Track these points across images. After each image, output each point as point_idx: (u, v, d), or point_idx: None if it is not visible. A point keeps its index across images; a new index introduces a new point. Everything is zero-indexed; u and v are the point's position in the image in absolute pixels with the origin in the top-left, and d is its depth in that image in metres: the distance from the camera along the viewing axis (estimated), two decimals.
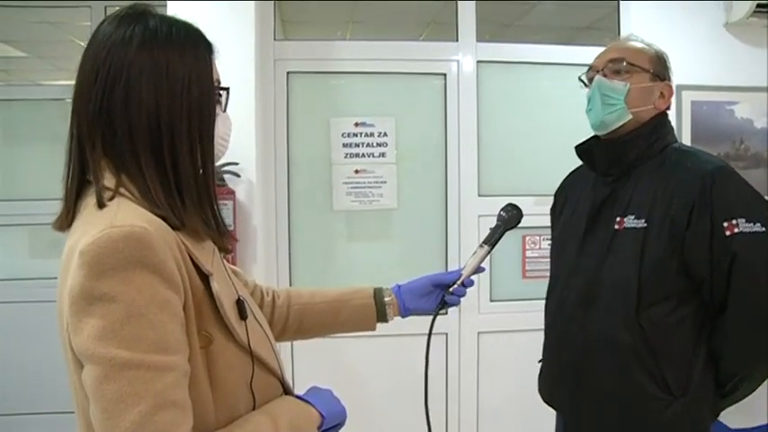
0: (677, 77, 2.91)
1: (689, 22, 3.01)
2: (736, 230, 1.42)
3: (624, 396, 1.53)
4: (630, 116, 1.59)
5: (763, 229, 1.43)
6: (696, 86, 3.00)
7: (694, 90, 3.00)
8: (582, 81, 1.69)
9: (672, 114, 2.89)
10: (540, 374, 1.81)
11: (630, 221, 1.54)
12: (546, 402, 1.77)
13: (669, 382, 1.49)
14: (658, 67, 1.64)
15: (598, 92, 1.62)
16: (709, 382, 1.53)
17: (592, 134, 1.71)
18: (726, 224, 1.43)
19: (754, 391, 1.56)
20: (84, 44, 0.97)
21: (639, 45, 1.67)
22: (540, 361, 1.82)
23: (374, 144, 3.01)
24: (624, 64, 1.61)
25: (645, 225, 1.52)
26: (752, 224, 1.43)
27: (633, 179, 1.59)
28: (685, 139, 2.98)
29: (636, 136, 1.60)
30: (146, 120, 0.91)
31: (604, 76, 1.63)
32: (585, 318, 1.59)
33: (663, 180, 1.53)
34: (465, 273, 1.40)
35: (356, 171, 3.01)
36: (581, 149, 1.74)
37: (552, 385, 1.74)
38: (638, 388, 1.51)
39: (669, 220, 1.48)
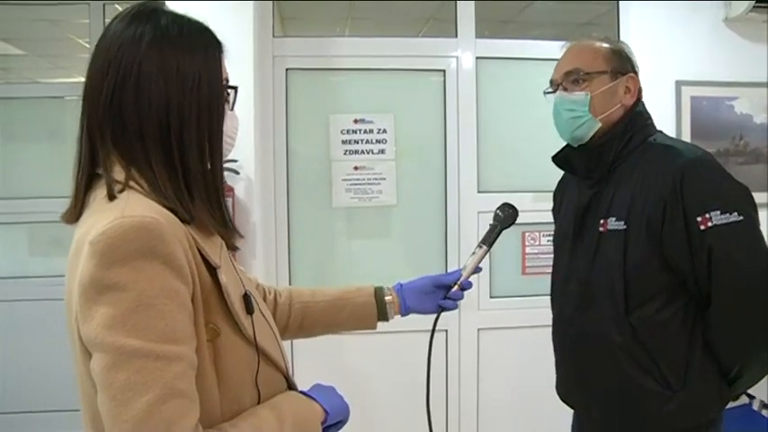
0: (677, 73, 2.97)
1: (688, 18, 3.01)
2: (710, 224, 1.41)
3: (626, 394, 1.54)
4: (599, 124, 1.59)
5: (740, 217, 1.42)
6: (695, 82, 3.00)
7: (694, 86, 3.00)
8: (549, 93, 1.67)
9: (672, 110, 2.95)
10: (556, 375, 1.81)
11: (612, 224, 1.54)
12: (563, 401, 1.77)
13: (667, 377, 1.50)
14: (616, 63, 1.61)
15: (562, 108, 1.61)
16: (712, 373, 1.52)
17: None
18: (699, 219, 1.42)
19: (764, 376, 1.55)
20: (82, 42, 0.98)
21: (593, 46, 1.64)
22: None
23: (373, 141, 3.01)
24: (580, 74, 1.59)
25: (624, 227, 1.52)
26: (727, 214, 1.41)
27: (614, 179, 1.58)
28: (685, 134, 2.98)
29: (610, 138, 1.58)
30: (155, 116, 0.92)
31: (564, 89, 1.62)
32: (582, 321, 1.61)
33: (639, 179, 1.52)
34: (464, 274, 1.42)
35: (355, 168, 3.01)
36: (557, 158, 1.74)
37: (566, 385, 1.75)
38: (637, 385, 1.52)
39: (645, 220, 1.48)
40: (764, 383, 1.60)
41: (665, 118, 2.93)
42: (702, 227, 1.42)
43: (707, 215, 1.42)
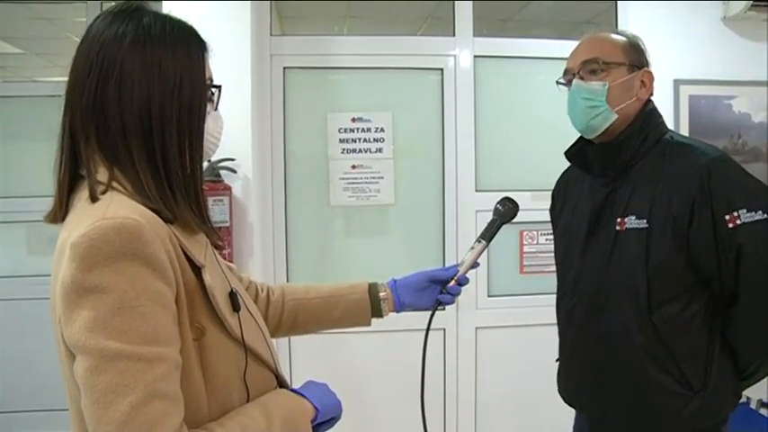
0: (675, 72, 2.97)
1: (687, 16, 3.00)
2: (738, 222, 1.41)
3: (645, 395, 1.52)
4: (616, 115, 1.56)
5: (765, 216, 1.42)
6: (694, 81, 2.99)
7: (692, 84, 2.99)
8: (561, 84, 1.65)
9: (670, 109, 2.95)
10: (558, 375, 1.79)
11: (632, 222, 1.52)
12: (567, 403, 1.75)
13: (688, 377, 1.48)
14: (634, 56, 1.59)
15: (578, 96, 1.58)
16: (728, 372, 1.52)
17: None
18: (728, 217, 1.41)
19: None
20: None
21: (611, 38, 1.62)
22: (557, 360, 1.80)
23: (371, 139, 3.01)
24: (599, 63, 1.56)
25: (646, 225, 1.49)
26: (753, 213, 1.41)
27: (630, 178, 1.56)
28: (683, 133, 2.96)
29: (628, 135, 1.56)
30: (137, 115, 0.92)
31: (581, 78, 1.58)
32: (597, 322, 1.58)
33: (660, 177, 1.51)
34: (462, 269, 1.40)
35: (353, 166, 3.01)
36: (571, 153, 1.71)
37: (572, 388, 1.73)
38: (658, 386, 1.50)
39: (671, 219, 1.46)
40: (763, 382, 1.60)
41: (664, 117, 2.91)
42: (731, 225, 1.41)
43: (735, 213, 1.41)
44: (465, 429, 3.09)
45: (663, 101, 2.94)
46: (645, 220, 1.50)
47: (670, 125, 2.87)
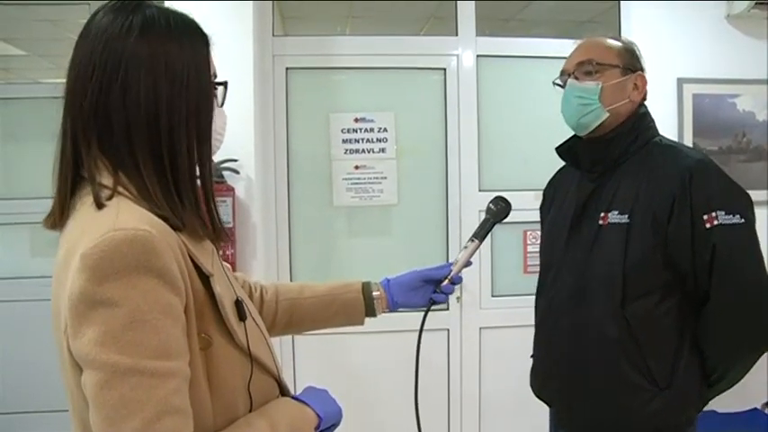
0: (678, 70, 2.96)
1: (690, 15, 3.00)
2: (715, 222, 1.45)
3: (612, 388, 1.55)
4: (607, 114, 1.61)
5: (742, 220, 1.46)
6: (697, 79, 2.99)
7: (696, 83, 2.99)
8: (558, 85, 1.70)
9: (674, 107, 2.95)
10: (531, 369, 1.83)
11: (614, 217, 1.56)
12: (537, 396, 1.79)
13: (654, 373, 1.52)
14: (628, 60, 1.65)
15: (572, 95, 1.64)
16: (695, 374, 1.55)
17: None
18: (705, 217, 1.46)
19: (740, 380, 1.58)
20: None
21: (606, 42, 1.68)
22: (531, 356, 1.84)
23: (374, 140, 3.01)
24: (593, 64, 1.62)
25: (628, 221, 1.54)
26: (731, 216, 1.46)
27: (617, 176, 1.61)
28: (687, 132, 2.97)
29: (618, 134, 1.61)
30: (144, 117, 0.89)
31: (576, 78, 1.64)
32: (575, 313, 1.62)
33: (645, 176, 1.55)
34: (455, 268, 1.40)
35: (356, 167, 3.01)
36: (562, 150, 1.76)
37: (543, 380, 1.77)
38: (624, 380, 1.53)
39: (651, 216, 1.51)
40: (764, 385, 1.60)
41: (667, 116, 2.92)
42: (708, 225, 1.45)
43: (713, 214, 1.45)
44: (469, 429, 3.09)
45: (666, 99, 2.95)
46: (627, 216, 1.55)
47: (674, 124, 2.93)
